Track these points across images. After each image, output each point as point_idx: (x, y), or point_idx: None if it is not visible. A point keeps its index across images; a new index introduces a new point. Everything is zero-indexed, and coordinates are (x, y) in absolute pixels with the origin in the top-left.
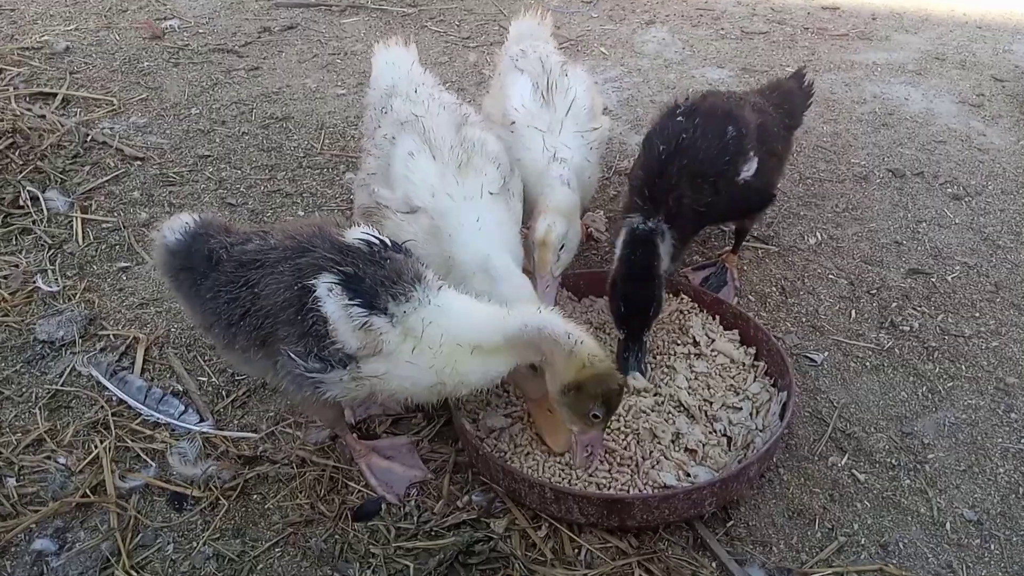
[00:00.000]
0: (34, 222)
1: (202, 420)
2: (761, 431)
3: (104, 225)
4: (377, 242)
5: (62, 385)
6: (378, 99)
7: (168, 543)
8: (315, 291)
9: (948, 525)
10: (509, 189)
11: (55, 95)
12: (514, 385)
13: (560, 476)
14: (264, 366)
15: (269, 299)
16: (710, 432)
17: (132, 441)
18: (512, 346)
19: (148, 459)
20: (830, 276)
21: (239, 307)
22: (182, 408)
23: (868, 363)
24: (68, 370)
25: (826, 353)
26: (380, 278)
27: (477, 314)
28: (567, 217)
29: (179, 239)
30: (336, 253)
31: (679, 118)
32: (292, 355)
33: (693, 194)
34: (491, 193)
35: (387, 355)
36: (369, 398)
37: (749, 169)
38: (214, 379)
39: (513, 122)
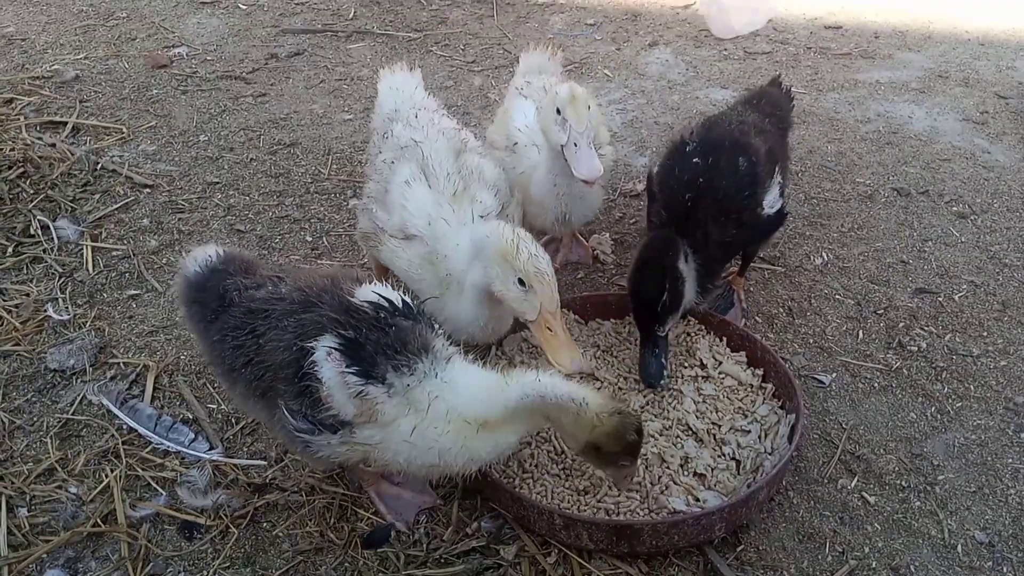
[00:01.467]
0: (45, 251)
1: (212, 448)
2: (770, 454)
3: (114, 253)
4: (386, 304)
5: (73, 414)
6: (381, 124)
7: (179, 572)
8: (314, 354)
9: (959, 548)
10: (507, 214)
11: (65, 124)
12: (512, 312)
13: (569, 502)
14: (263, 415)
15: (271, 355)
16: (719, 456)
17: (143, 470)
18: (517, 416)
19: (159, 488)
20: (837, 296)
21: (243, 355)
22: (192, 436)
23: (876, 384)
24: (79, 399)
25: (834, 374)
26: (382, 346)
27: (480, 386)
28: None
29: (198, 271)
30: (341, 313)
31: (695, 159)
32: (285, 411)
33: (719, 231)
34: (481, 217)
35: (383, 425)
36: (364, 463)
37: (772, 200)
38: (223, 407)
39: (516, 143)
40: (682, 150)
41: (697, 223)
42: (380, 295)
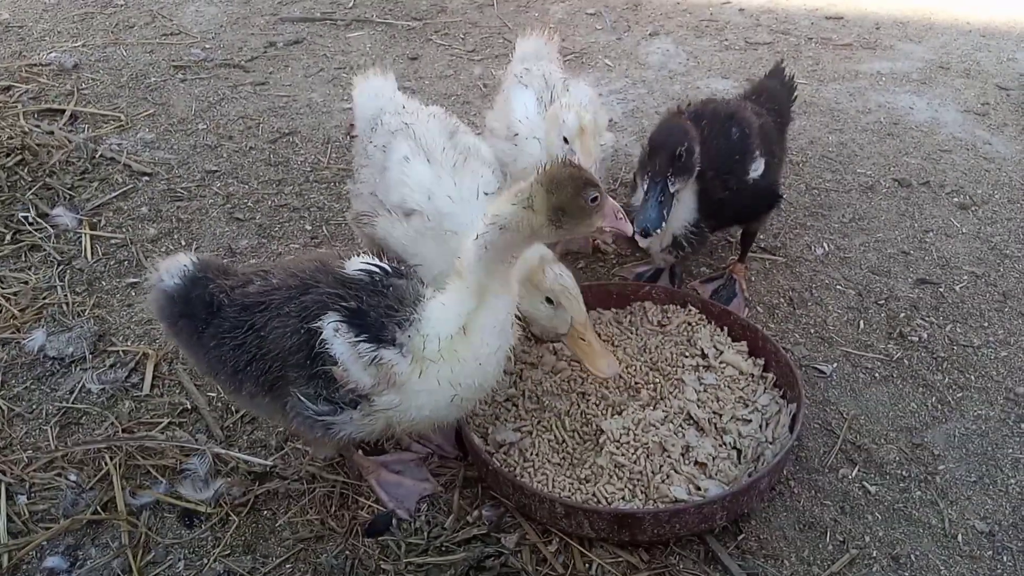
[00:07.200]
0: (43, 238)
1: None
2: (771, 443)
3: (112, 241)
4: (378, 271)
5: (72, 402)
6: (365, 124)
7: (179, 560)
8: (322, 333)
9: (960, 537)
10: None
11: (63, 111)
12: (540, 331)
13: (569, 491)
14: (272, 409)
15: (276, 343)
16: (720, 445)
17: (142, 458)
18: (488, 278)
19: (158, 476)
20: (838, 287)
21: (245, 353)
22: None
23: (877, 374)
24: (78, 386)
25: (835, 364)
26: (384, 308)
27: (446, 299)
28: (588, 107)
29: (178, 284)
30: (339, 287)
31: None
32: (301, 397)
33: (712, 184)
34: (487, 194)
35: (400, 386)
36: (386, 431)
37: (757, 168)
38: (223, 395)
39: (516, 134)
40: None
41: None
42: (369, 263)
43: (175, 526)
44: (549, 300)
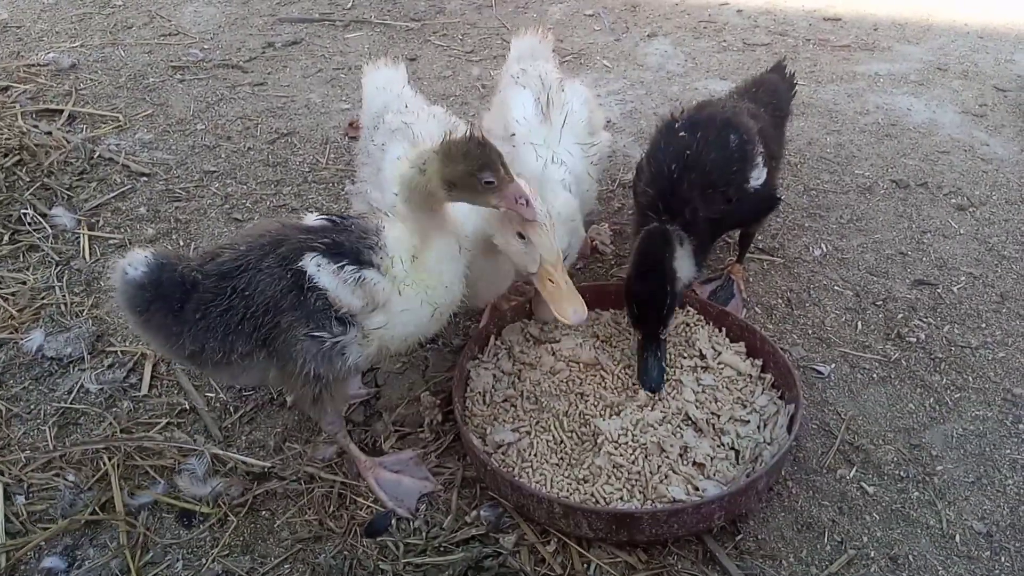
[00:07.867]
0: (41, 239)
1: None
2: (769, 444)
3: (111, 241)
4: (337, 217)
5: (71, 402)
6: (370, 120)
7: (177, 560)
8: (306, 271)
9: (958, 537)
10: None
11: (61, 112)
12: (514, 265)
13: (568, 491)
14: (264, 367)
15: (264, 294)
16: (718, 445)
17: (141, 458)
18: (423, 224)
19: (157, 476)
20: (836, 288)
21: (234, 315)
22: None
23: (875, 375)
24: (76, 387)
25: (833, 365)
26: (355, 239)
27: (398, 229)
28: (567, 224)
29: (146, 272)
30: (308, 233)
31: (681, 133)
32: (315, 333)
33: (707, 206)
34: None
35: (383, 305)
36: (379, 355)
37: (759, 177)
38: (222, 395)
39: (514, 134)
40: (671, 127)
41: (684, 199)
42: (325, 215)
43: (173, 526)
44: (522, 235)
